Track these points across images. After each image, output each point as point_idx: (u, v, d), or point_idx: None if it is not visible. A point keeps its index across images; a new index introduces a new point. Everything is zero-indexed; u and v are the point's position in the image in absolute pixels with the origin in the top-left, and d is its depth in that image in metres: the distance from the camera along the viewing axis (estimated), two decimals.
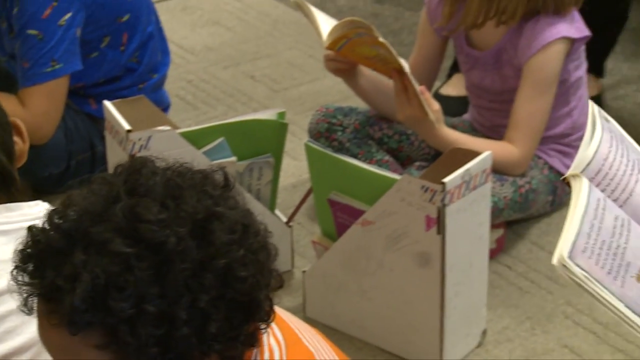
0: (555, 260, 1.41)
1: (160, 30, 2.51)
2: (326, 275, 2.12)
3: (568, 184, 1.44)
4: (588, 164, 1.49)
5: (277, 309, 1.13)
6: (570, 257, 1.41)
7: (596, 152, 1.51)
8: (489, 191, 1.98)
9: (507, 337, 2.11)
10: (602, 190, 1.50)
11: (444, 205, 1.89)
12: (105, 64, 2.40)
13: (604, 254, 1.44)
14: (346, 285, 2.09)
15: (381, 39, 1.97)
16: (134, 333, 0.98)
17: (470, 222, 1.96)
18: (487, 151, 1.92)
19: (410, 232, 1.95)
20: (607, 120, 1.60)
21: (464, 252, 1.98)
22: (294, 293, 2.21)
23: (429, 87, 2.28)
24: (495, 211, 2.09)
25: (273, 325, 1.13)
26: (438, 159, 1.98)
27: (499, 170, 2.11)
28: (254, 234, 1.08)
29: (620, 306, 1.42)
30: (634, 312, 1.42)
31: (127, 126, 2.03)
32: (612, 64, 3.03)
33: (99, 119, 2.33)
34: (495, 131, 2.24)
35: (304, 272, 2.17)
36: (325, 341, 1.21)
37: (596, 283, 1.42)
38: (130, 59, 2.43)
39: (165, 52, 2.53)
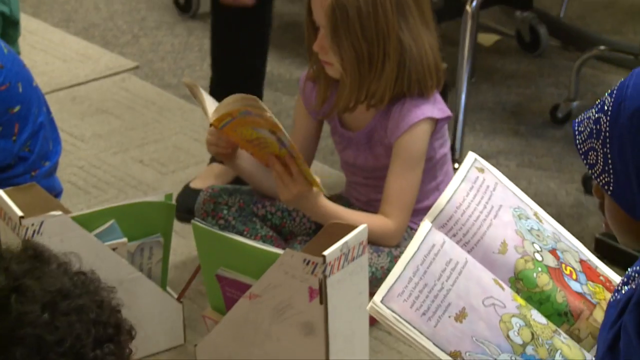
0: (368, 305, 1.46)
1: (51, 120, 2.47)
2: (217, 347, 2.09)
3: None
4: (440, 212, 1.55)
5: None
6: (384, 300, 1.46)
7: (449, 201, 1.57)
8: (366, 262, 1.99)
9: None
10: (454, 235, 1.55)
11: (325, 277, 1.89)
12: None
13: (422, 296, 1.49)
14: (237, 357, 2.06)
15: (268, 114, 1.96)
16: None
17: (350, 292, 1.96)
18: (363, 224, 1.93)
19: (295, 303, 1.94)
20: (482, 171, 1.64)
21: (346, 320, 1.97)
22: None
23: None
24: (374, 280, 2.10)
25: None
26: (318, 233, 1.99)
27: (374, 241, 2.12)
28: (65, 297, 1.03)
29: (429, 344, 1.47)
30: (443, 350, 1.46)
31: (19, 212, 1.99)
32: (474, 140, 3.09)
33: None
34: (371, 205, 2.26)
35: (195, 345, 2.14)
36: None
37: (405, 323, 1.47)
38: (22, 148, 2.38)
39: (56, 140, 2.49)
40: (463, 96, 3.01)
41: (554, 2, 3.82)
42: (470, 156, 1.68)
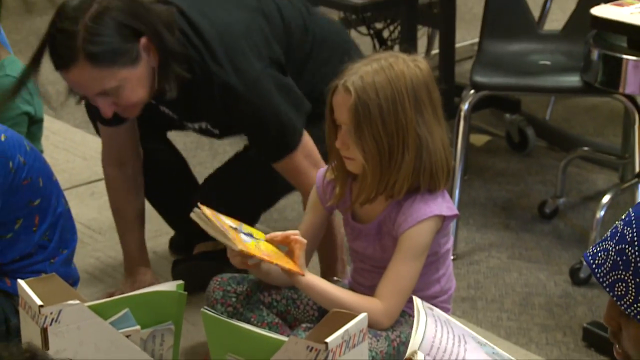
0: None
1: (68, 211, 2.47)
2: None
3: None
4: (420, 344, 1.53)
5: None
6: None
7: (424, 333, 1.56)
8: (366, 348, 1.97)
9: None
10: None
11: None
12: (18, 243, 2.34)
13: None
14: None
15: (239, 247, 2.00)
16: None
17: None
18: (363, 313, 1.92)
19: None
20: (431, 309, 1.66)
21: None
22: None
23: (311, 253, 2.28)
24: None
25: None
26: (321, 321, 1.96)
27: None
28: None
29: None
30: None
31: (39, 302, 1.97)
32: (466, 233, 3.09)
33: (13, 296, 2.26)
34: (374, 290, 2.24)
35: None
36: None
37: None
38: (42, 237, 2.38)
39: (72, 230, 2.49)
40: (457, 192, 3.02)
41: (540, 106, 3.85)
42: (417, 299, 1.69)
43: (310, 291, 2.11)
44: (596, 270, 1.25)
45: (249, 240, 2.07)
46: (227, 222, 2.06)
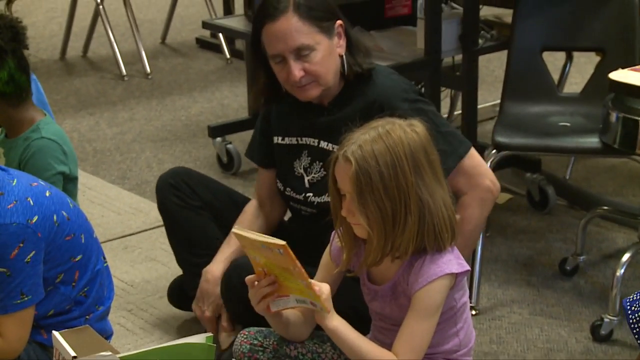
0: None
1: (106, 267, 2.48)
2: None
3: None
4: None
5: None
6: None
7: None
8: None
9: None
10: None
11: None
12: (57, 296, 2.35)
13: None
14: None
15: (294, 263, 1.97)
16: None
17: None
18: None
19: None
20: None
21: None
22: None
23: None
24: None
25: None
26: None
27: None
28: None
29: None
30: None
31: (72, 353, 1.97)
32: (489, 289, 3.07)
33: (49, 347, 2.26)
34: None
35: None
36: None
37: None
38: (79, 293, 2.38)
39: (110, 287, 2.49)
40: (479, 249, 3.00)
41: (560, 165, 3.84)
42: None
43: (334, 334, 2.08)
44: (630, 316, 1.24)
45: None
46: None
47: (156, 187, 2.81)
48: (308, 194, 2.64)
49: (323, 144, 2.62)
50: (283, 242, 1.97)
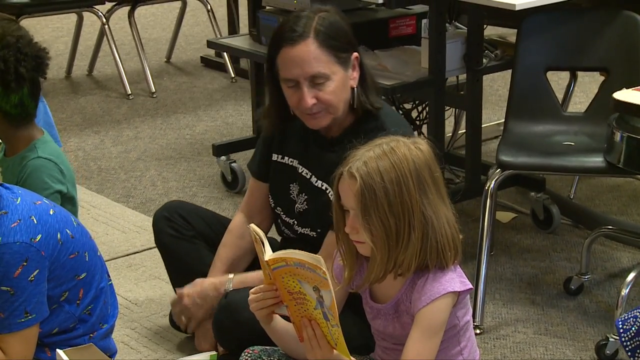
0: None
1: (110, 286, 2.48)
2: None
3: None
4: None
5: None
6: None
7: None
8: None
9: None
10: None
11: None
12: (61, 314, 2.34)
13: None
14: None
15: (323, 270, 1.96)
16: None
17: None
18: None
19: None
20: None
21: None
22: None
23: None
24: None
25: None
26: None
27: None
28: None
29: None
30: None
31: None
32: (494, 308, 3.05)
33: None
34: None
35: None
36: None
37: None
38: (83, 311, 2.38)
39: (114, 305, 2.49)
40: (484, 267, 2.99)
41: (564, 184, 3.84)
42: None
43: None
44: (622, 334, 1.24)
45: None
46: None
47: (152, 222, 2.84)
48: (294, 221, 2.65)
49: (313, 180, 2.61)
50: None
